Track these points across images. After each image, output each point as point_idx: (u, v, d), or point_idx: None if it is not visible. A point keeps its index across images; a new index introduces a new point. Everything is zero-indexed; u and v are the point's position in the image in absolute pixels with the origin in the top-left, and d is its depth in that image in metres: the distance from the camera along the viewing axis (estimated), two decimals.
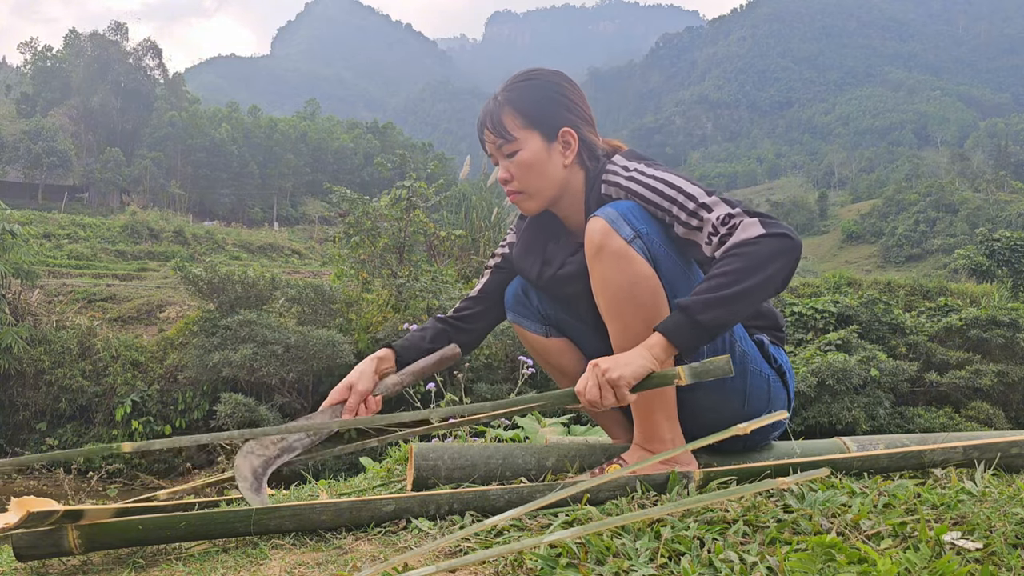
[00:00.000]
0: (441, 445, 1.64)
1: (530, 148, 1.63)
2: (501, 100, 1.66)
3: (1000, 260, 20.91)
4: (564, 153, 1.64)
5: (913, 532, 1.07)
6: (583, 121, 1.67)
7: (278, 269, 21.12)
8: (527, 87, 1.66)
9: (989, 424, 13.22)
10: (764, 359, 1.63)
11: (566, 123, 1.64)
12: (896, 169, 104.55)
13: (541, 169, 1.64)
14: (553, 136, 1.64)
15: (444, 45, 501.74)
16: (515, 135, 1.64)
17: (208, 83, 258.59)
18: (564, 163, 1.64)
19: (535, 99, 1.64)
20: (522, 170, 1.64)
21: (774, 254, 1.39)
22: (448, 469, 1.56)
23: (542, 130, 1.63)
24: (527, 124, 1.63)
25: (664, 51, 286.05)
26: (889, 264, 61.51)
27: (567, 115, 1.65)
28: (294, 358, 12.29)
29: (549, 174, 1.64)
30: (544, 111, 1.64)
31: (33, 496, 1.32)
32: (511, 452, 1.63)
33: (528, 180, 1.65)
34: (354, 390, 1.78)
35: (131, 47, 62.84)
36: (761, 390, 1.62)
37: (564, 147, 1.64)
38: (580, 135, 1.65)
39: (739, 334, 1.60)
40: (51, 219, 32.69)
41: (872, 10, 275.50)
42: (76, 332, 14.33)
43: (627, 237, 1.48)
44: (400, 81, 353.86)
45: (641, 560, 1.04)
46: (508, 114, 1.64)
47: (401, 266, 13.40)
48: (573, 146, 1.65)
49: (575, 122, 1.65)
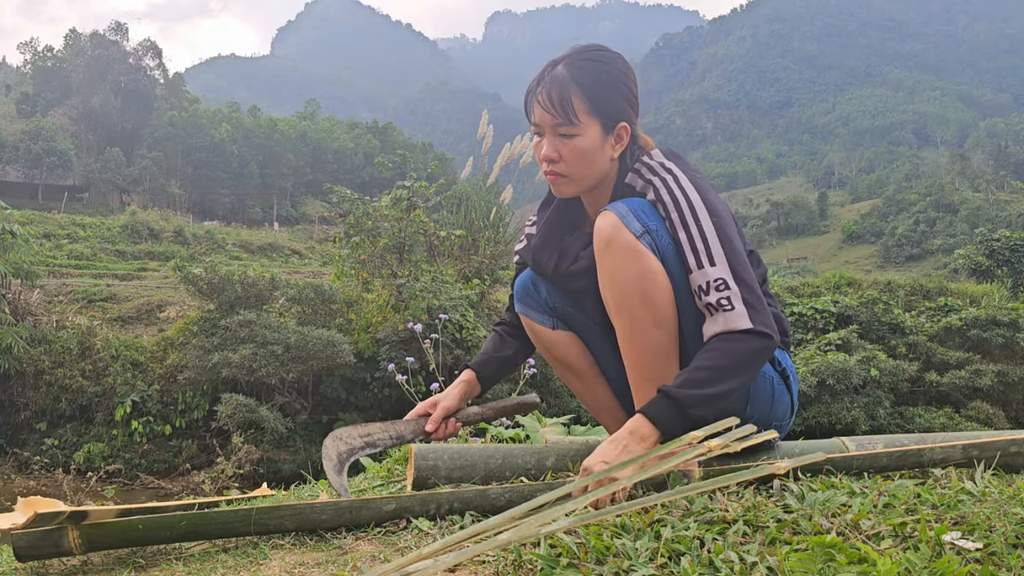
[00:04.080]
0: (441, 445, 1.63)
1: (589, 136, 1.59)
2: (568, 76, 1.59)
3: (1000, 260, 20.91)
4: (615, 146, 1.63)
5: (913, 532, 1.07)
6: (636, 115, 1.66)
7: (278, 269, 21.11)
8: (598, 71, 1.60)
9: (989, 424, 13.21)
10: (769, 362, 1.62)
11: (625, 117, 1.62)
12: (896, 169, 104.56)
13: (592, 159, 1.61)
14: (611, 128, 1.61)
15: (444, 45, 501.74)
16: (580, 119, 1.59)
17: (208, 83, 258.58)
18: (612, 156, 1.63)
19: (604, 86, 1.60)
20: (575, 156, 1.61)
21: (755, 355, 1.46)
22: (448, 469, 1.56)
23: (603, 120, 1.60)
24: (592, 112, 1.59)
25: (664, 51, 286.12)
26: (889, 264, 61.53)
27: (627, 109, 1.63)
28: (294, 358, 12.30)
29: (597, 164, 1.62)
30: (610, 101, 1.60)
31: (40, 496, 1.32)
32: (511, 452, 1.63)
33: (577, 167, 1.62)
34: (439, 405, 1.84)
35: (131, 47, 62.87)
36: (765, 393, 1.60)
37: (616, 140, 1.62)
38: (632, 131, 1.64)
39: None
40: (51, 219, 32.70)
41: (872, 10, 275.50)
42: (76, 332, 14.33)
43: (636, 232, 1.48)
44: (400, 81, 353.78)
45: (641, 560, 1.04)
46: (577, 96, 1.58)
47: (401, 266, 13.40)
48: (624, 140, 1.63)
49: (631, 117, 1.64)
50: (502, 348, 1.91)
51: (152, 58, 63.75)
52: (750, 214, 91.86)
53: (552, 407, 11.55)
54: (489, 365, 1.90)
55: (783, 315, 1.68)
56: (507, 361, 1.92)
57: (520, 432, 2.60)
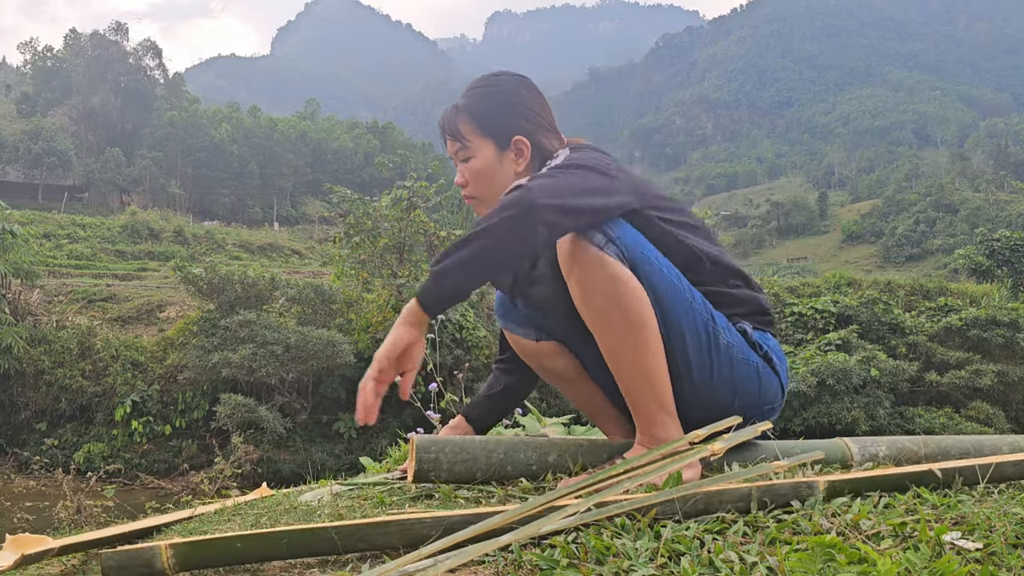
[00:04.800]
0: (444, 438, 1.63)
1: (483, 155, 1.68)
2: (459, 106, 1.71)
3: (1000, 260, 20.92)
4: (517, 160, 1.68)
5: (913, 532, 1.07)
6: (538, 127, 1.69)
7: (278, 269, 21.12)
8: (484, 94, 1.70)
9: (989, 424, 13.22)
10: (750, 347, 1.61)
11: (519, 131, 1.67)
12: (896, 169, 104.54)
13: (491, 176, 1.68)
14: (506, 144, 1.67)
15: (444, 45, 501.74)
16: (470, 141, 1.69)
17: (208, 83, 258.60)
18: (516, 170, 1.67)
19: (490, 106, 1.68)
20: (475, 176, 1.70)
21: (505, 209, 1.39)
22: (450, 463, 1.55)
23: (495, 138, 1.67)
24: (481, 131, 1.68)
25: (664, 51, 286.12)
26: (889, 264, 61.53)
27: (521, 123, 1.68)
28: (294, 358, 12.30)
29: (499, 181, 1.67)
30: (498, 119, 1.68)
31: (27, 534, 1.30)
32: (513, 447, 1.62)
33: (480, 186, 1.70)
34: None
35: (131, 47, 62.88)
36: (750, 380, 1.59)
37: (517, 155, 1.68)
38: (533, 142, 1.67)
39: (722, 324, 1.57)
40: (51, 219, 32.70)
41: (872, 10, 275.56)
42: (76, 332, 14.33)
43: (600, 244, 1.47)
44: (400, 81, 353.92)
45: (641, 560, 1.04)
46: (464, 121, 1.69)
47: (401, 266, 13.40)
48: (525, 153, 1.67)
49: (529, 129, 1.68)
50: (492, 386, 1.92)
51: (152, 58, 63.79)
52: (750, 214, 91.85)
53: (552, 407, 11.55)
54: (478, 406, 1.92)
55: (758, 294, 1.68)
56: (497, 398, 1.92)
57: (521, 432, 2.61)
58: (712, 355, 1.55)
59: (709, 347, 1.54)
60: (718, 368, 1.55)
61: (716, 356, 1.55)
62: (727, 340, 1.57)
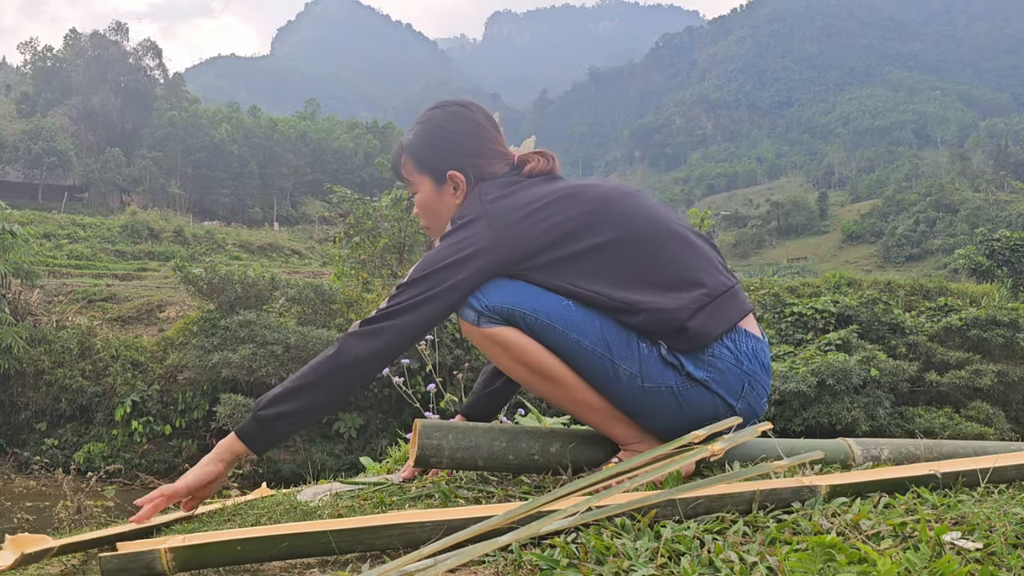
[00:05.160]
0: (446, 424, 1.62)
1: (424, 191, 1.75)
2: (403, 144, 1.78)
3: (1000, 260, 20.93)
4: (455, 193, 1.71)
5: (913, 532, 1.07)
6: (473, 157, 1.70)
7: (278, 269, 21.12)
8: (418, 131, 1.76)
9: (989, 424, 13.22)
10: (670, 368, 1.53)
11: (452, 166, 1.70)
12: (896, 169, 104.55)
13: (433, 209, 1.75)
14: (442, 179, 1.71)
15: (444, 45, 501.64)
16: (410, 179, 1.77)
17: (208, 83, 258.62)
18: (456, 202, 1.71)
19: (423, 144, 1.74)
20: (420, 210, 1.79)
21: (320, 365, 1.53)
22: (452, 449, 1.55)
23: (431, 174, 1.73)
24: (418, 168, 1.74)
25: (664, 51, 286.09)
26: (889, 264, 61.52)
27: (452, 157, 1.70)
28: (294, 358, 12.30)
29: (443, 213, 1.73)
30: (430, 155, 1.72)
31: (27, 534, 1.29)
32: (516, 434, 1.61)
33: (427, 219, 1.79)
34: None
35: (131, 47, 62.89)
36: (666, 405, 1.53)
37: (454, 188, 1.71)
38: (467, 173, 1.69)
39: (620, 354, 1.51)
40: (51, 219, 32.71)
41: (872, 10, 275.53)
42: (76, 332, 14.33)
43: (473, 320, 1.54)
44: (400, 81, 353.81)
45: (641, 560, 1.04)
46: (405, 159, 1.76)
47: (401, 266, 13.41)
48: (461, 187, 1.70)
49: (462, 162, 1.70)
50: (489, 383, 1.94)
51: (152, 58, 63.81)
52: (750, 214, 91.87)
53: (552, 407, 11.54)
54: (477, 404, 1.94)
55: (673, 308, 1.53)
56: (496, 394, 1.94)
57: None
58: (616, 387, 1.52)
59: (609, 380, 1.52)
60: (624, 399, 1.53)
61: (620, 388, 1.52)
62: (628, 371, 1.51)
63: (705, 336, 1.55)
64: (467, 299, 1.55)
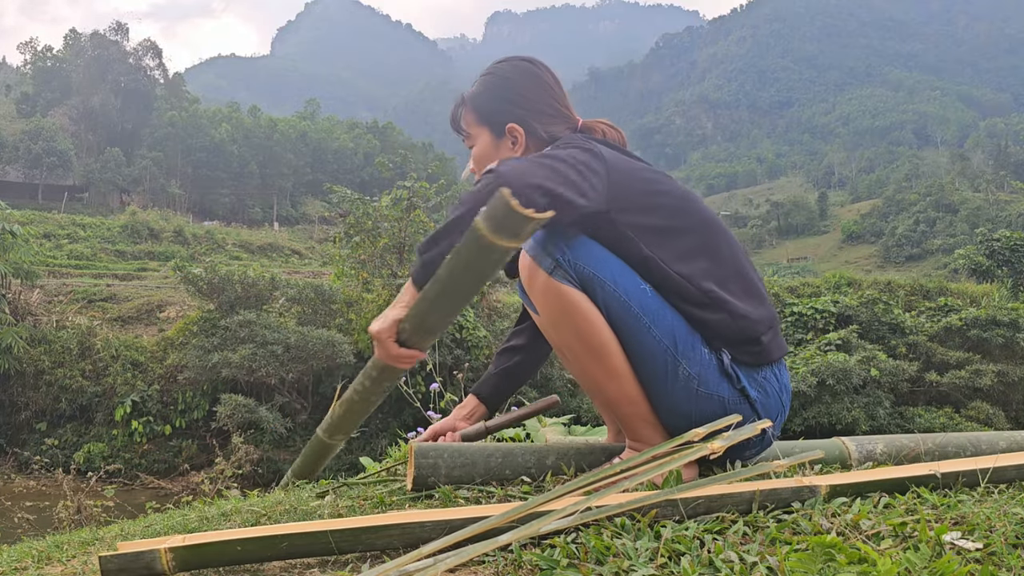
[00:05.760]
0: (441, 444, 1.63)
1: (481, 143, 1.71)
2: (465, 96, 1.75)
3: (1000, 260, 20.92)
4: (513, 148, 1.69)
5: (913, 532, 1.07)
6: (535, 114, 1.68)
7: (278, 269, 21.11)
8: (482, 83, 1.73)
9: (989, 424, 13.22)
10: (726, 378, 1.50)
11: (512, 119, 1.68)
12: (896, 169, 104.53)
13: (489, 163, 1.69)
14: (501, 132, 1.69)
15: (444, 45, 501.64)
16: (470, 131, 1.73)
17: (208, 83, 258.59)
18: (514, 157, 1.66)
19: (486, 95, 1.71)
20: (477, 163, 1.74)
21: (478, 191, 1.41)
22: (448, 468, 1.56)
23: (490, 126, 1.70)
24: (478, 120, 1.71)
25: (664, 51, 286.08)
26: (889, 264, 61.51)
27: (515, 110, 1.68)
28: (294, 358, 12.30)
29: None
30: (492, 108, 1.70)
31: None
32: (511, 451, 1.62)
33: (481, 174, 1.70)
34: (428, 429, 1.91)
35: (131, 47, 62.87)
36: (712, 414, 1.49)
37: (512, 142, 1.69)
38: (528, 128, 1.67)
39: (685, 352, 1.47)
40: (51, 219, 32.70)
41: (872, 10, 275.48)
42: (76, 332, 14.33)
43: (548, 269, 1.46)
44: (400, 81, 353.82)
45: (641, 560, 1.04)
46: (467, 110, 1.73)
47: (401, 266, 13.40)
48: (520, 141, 1.68)
49: (522, 116, 1.68)
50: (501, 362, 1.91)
51: (152, 58, 63.77)
52: (750, 214, 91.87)
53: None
54: (488, 382, 1.92)
55: (751, 321, 1.50)
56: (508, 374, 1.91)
57: (520, 432, 2.60)
58: (669, 385, 1.48)
59: (666, 376, 1.47)
60: (673, 399, 1.49)
61: (673, 386, 1.48)
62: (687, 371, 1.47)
63: (768, 355, 1.54)
64: (551, 240, 1.46)
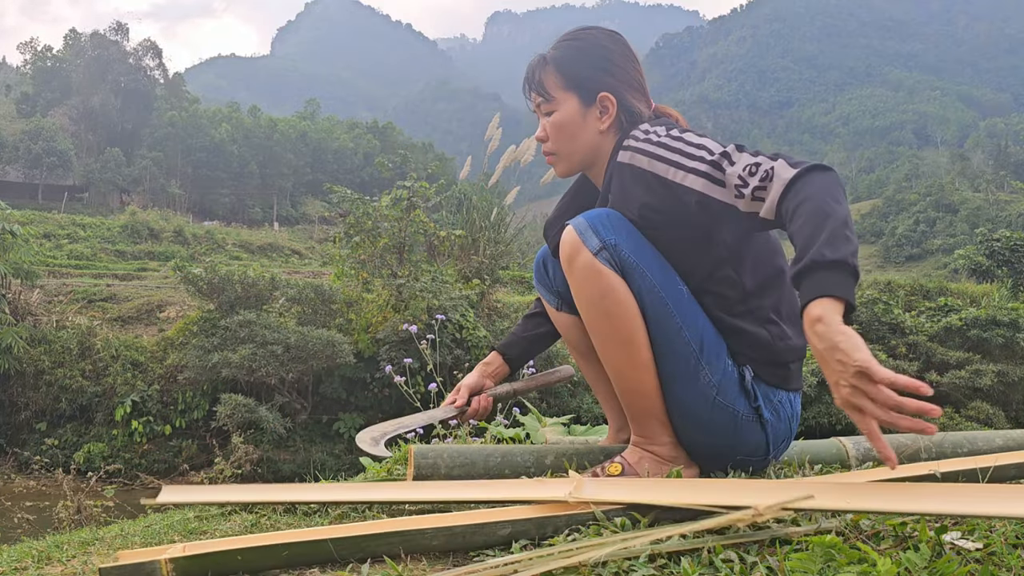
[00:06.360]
0: (440, 445, 1.64)
1: (565, 110, 1.62)
2: (547, 57, 1.65)
3: (1000, 260, 20.91)
4: (601, 118, 1.62)
5: (913, 532, 1.06)
6: (627, 86, 1.62)
7: (278, 269, 21.10)
8: (572, 47, 1.65)
9: (989, 424, 13.22)
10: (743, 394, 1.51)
11: (605, 87, 1.61)
12: (896, 169, 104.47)
13: (573, 132, 1.62)
14: (591, 100, 1.61)
15: (444, 45, 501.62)
16: (554, 95, 1.63)
17: (208, 83, 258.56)
18: (600, 128, 1.61)
19: (577, 60, 1.63)
20: (555, 131, 1.64)
21: (828, 182, 1.29)
22: (447, 468, 1.56)
23: (580, 93, 1.61)
24: (566, 85, 1.62)
25: (664, 51, 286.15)
26: (889, 264, 61.46)
27: (608, 79, 1.61)
28: (294, 358, 12.29)
29: (581, 138, 1.62)
30: (584, 73, 1.61)
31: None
32: (510, 451, 1.63)
33: (560, 142, 1.64)
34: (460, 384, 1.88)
35: (131, 47, 62.84)
36: (724, 426, 1.50)
37: (602, 112, 1.62)
38: (620, 100, 1.61)
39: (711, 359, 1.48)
40: (51, 219, 32.68)
41: (872, 10, 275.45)
42: (76, 332, 14.32)
43: (593, 249, 1.45)
44: (400, 81, 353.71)
45: (641, 560, 1.04)
46: (550, 73, 1.64)
47: (401, 266, 13.39)
48: (611, 111, 1.61)
49: (616, 86, 1.61)
50: (530, 327, 1.91)
51: (152, 58, 63.72)
52: None
53: (552, 407, 11.55)
54: (516, 345, 1.91)
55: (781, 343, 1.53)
56: (537, 339, 1.92)
57: (520, 432, 2.60)
58: (688, 387, 1.48)
59: (687, 378, 1.48)
60: (688, 402, 1.49)
61: (691, 390, 1.48)
62: (708, 378, 1.48)
63: (789, 382, 1.56)
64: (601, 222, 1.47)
